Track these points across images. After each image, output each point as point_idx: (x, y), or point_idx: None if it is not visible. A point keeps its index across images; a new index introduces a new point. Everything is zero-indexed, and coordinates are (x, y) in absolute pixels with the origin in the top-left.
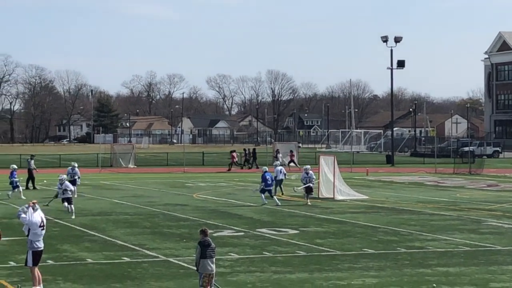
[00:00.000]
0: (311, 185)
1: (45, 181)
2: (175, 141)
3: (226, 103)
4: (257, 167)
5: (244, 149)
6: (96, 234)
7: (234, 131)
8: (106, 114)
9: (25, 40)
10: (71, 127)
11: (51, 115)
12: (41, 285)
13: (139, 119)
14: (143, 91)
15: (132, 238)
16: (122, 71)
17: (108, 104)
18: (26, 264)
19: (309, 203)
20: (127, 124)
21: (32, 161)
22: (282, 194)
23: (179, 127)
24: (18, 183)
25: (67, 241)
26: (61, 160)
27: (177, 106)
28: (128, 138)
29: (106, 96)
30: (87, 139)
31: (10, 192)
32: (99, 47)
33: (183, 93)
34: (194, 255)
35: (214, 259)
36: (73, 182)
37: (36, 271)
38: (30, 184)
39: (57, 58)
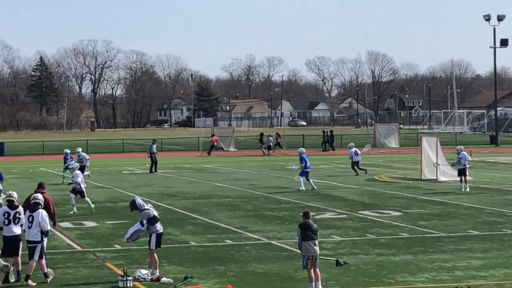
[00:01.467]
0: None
1: (147, 165)
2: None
3: (326, 85)
4: (333, 150)
5: (323, 131)
6: (199, 217)
7: (334, 113)
8: (206, 98)
9: (126, 26)
10: (172, 112)
11: (152, 99)
12: (158, 269)
13: (239, 103)
14: (242, 75)
15: (234, 220)
16: (222, 55)
17: (208, 88)
18: (150, 247)
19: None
20: (227, 108)
21: (154, 146)
22: (357, 174)
23: (278, 110)
24: (69, 167)
25: (170, 224)
26: (162, 144)
27: (276, 89)
28: (228, 122)
29: (206, 80)
30: (187, 123)
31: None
32: (198, 31)
33: (282, 76)
34: (297, 238)
35: (316, 241)
36: (82, 169)
37: (154, 254)
38: (153, 169)
39: (158, 43)
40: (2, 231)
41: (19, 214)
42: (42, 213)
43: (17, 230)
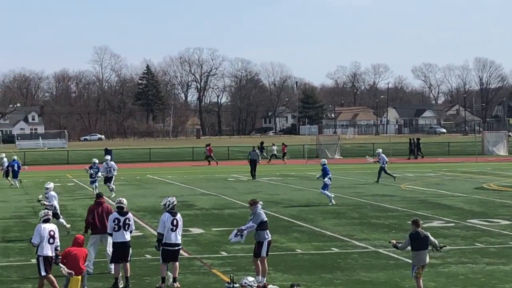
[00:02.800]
0: None
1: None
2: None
3: (432, 92)
4: (422, 157)
5: (410, 139)
6: (305, 224)
7: (441, 121)
8: (311, 106)
9: (231, 34)
10: (277, 119)
11: (257, 107)
12: (265, 276)
13: (344, 110)
14: (347, 82)
15: (340, 228)
16: (327, 62)
17: (313, 95)
18: (259, 255)
19: None
20: (332, 115)
21: (256, 152)
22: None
23: (384, 117)
24: (97, 177)
25: (276, 232)
26: (267, 152)
27: (382, 96)
28: (333, 129)
29: (310, 87)
30: (292, 130)
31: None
32: (303, 39)
33: (388, 83)
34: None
35: (427, 250)
36: (109, 179)
37: (265, 261)
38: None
39: (262, 50)
40: (112, 237)
41: (129, 220)
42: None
43: (127, 236)
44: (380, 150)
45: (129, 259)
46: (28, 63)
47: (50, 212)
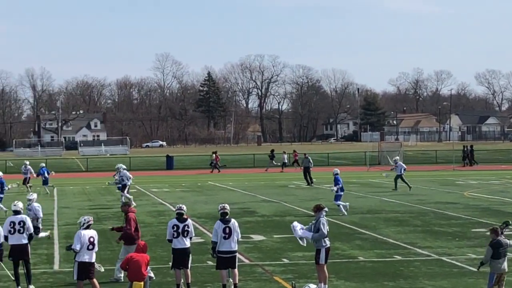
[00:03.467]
0: None
1: (314, 179)
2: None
3: (496, 98)
4: (477, 164)
5: (464, 146)
6: (367, 232)
7: (504, 128)
8: (373, 112)
9: (292, 40)
10: (338, 126)
11: (318, 114)
12: (327, 284)
13: (406, 117)
14: (410, 89)
15: (403, 236)
16: (388, 68)
17: (374, 102)
18: (318, 262)
19: None
20: (394, 122)
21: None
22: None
23: (447, 124)
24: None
25: (338, 239)
26: (329, 159)
27: (445, 103)
28: (395, 136)
29: (372, 94)
30: (353, 137)
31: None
32: (365, 45)
33: (451, 90)
34: (470, 255)
35: (505, 257)
36: (123, 188)
37: (324, 268)
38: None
39: (324, 57)
40: (172, 244)
41: (188, 226)
42: (235, 222)
43: (187, 242)
44: (398, 158)
45: (189, 265)
46: (91, 70)
47: (91, 219)
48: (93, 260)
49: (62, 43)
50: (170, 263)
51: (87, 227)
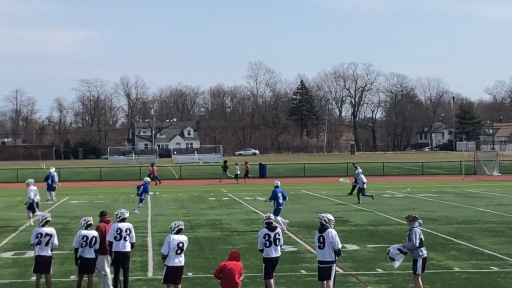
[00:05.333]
0: None
1: (408, 189)
2: None
3: None
4: None
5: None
6: (462, 242)
7: None
8: (468, 121)
9: (385, 48)
10: (433, 135)
11: (412, 122)
12: None
13: (503, 126)
14: (506, 97)
15: (499, 247)
16: (484, 77)
17: (470, 111)
18: (414, 272)
19: None
20: (490, 131)
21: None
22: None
23: None
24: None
25: (433, 249)
26: (423, 168)
27: None
28: (491, 145)
29: (468, 103)
30: (448, 146)
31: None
32: (459, 53)
33: None
34: None
35: None
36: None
37: (419, 279)
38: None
39: (418, 65)
40: (263, 253)
41: (278, 235)
42: (332, 232)
43: (278, 251)
44: (360, 170)
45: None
46: (185, 78)
47: (181, 224)
48: (181, 264)
49: (156, 52)
50: (262, 273)
51: (178, 232)
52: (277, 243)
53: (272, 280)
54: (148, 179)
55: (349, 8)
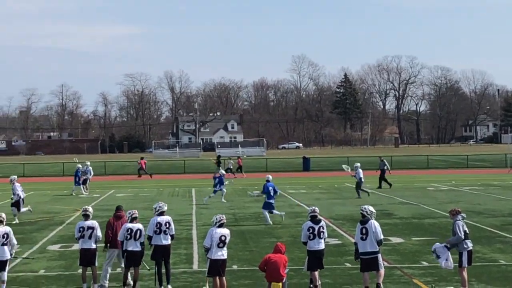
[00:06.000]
0: None
1: (453, 181)
2: None
3: None
4: None
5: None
6: (508, 235)
7: None
8: None
9: (429, 41)
10: (477, 127)
11: (457, 115)
12: (466, 286)
13: None
14: None
15: None
16: None
17: None
18: (460, 265)
19: None
20: None
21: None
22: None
23: None
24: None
25: (478, 242)
26: (468, 161)
27: None
28: None
29: None
30: (493, 139)
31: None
32: (505, 45)
33: None
34: None
35: None
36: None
37: (464, 271)
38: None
39: (462, 58)
40: (307, 246)
41: (323, 228)
42: (374, 223)
43: (321, 244)
44: (359, 164)
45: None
46: (228, 72)
47: (224, 218)
48: (224, 257)
49: (200, 46)
50: (305, 266)
51: (220, 225)
52: (321, 236)
53: (316, 273)
54: (223, 171)
55: (392, 1)
